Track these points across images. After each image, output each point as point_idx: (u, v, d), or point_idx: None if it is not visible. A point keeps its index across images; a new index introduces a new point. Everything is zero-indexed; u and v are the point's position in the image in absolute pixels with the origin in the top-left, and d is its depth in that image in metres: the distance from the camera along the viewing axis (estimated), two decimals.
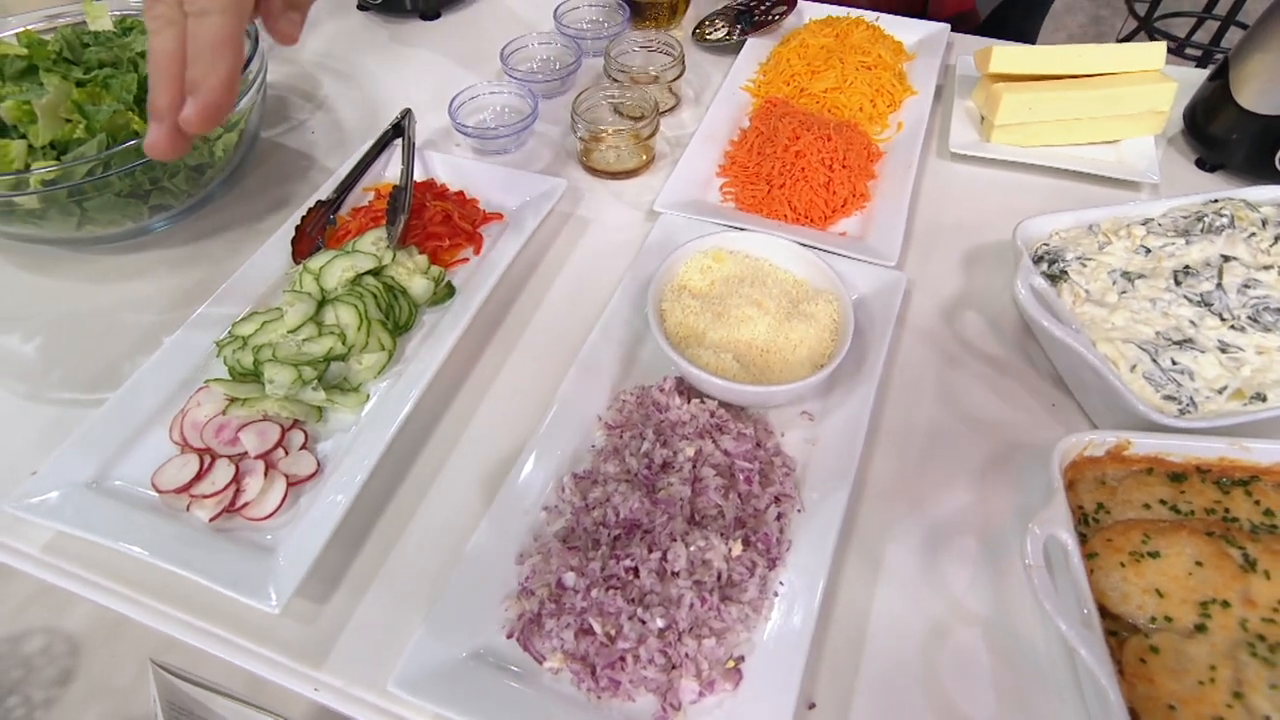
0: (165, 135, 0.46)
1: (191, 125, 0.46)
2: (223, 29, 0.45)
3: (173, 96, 0.46)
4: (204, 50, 0.45)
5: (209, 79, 0.45)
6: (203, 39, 0.45)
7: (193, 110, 0.45)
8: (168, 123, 0.46)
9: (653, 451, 0.59)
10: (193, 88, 0.45)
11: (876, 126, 0.90)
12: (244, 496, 0.58)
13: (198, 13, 0.44)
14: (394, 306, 0.70)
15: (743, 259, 0.70)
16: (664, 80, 0.93)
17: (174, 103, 0.46)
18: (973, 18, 1.15)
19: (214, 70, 0.45)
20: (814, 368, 0.62)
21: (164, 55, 0.45)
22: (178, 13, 0.45)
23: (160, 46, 0.45)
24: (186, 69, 0.45)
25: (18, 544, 0.59)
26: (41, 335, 0.73)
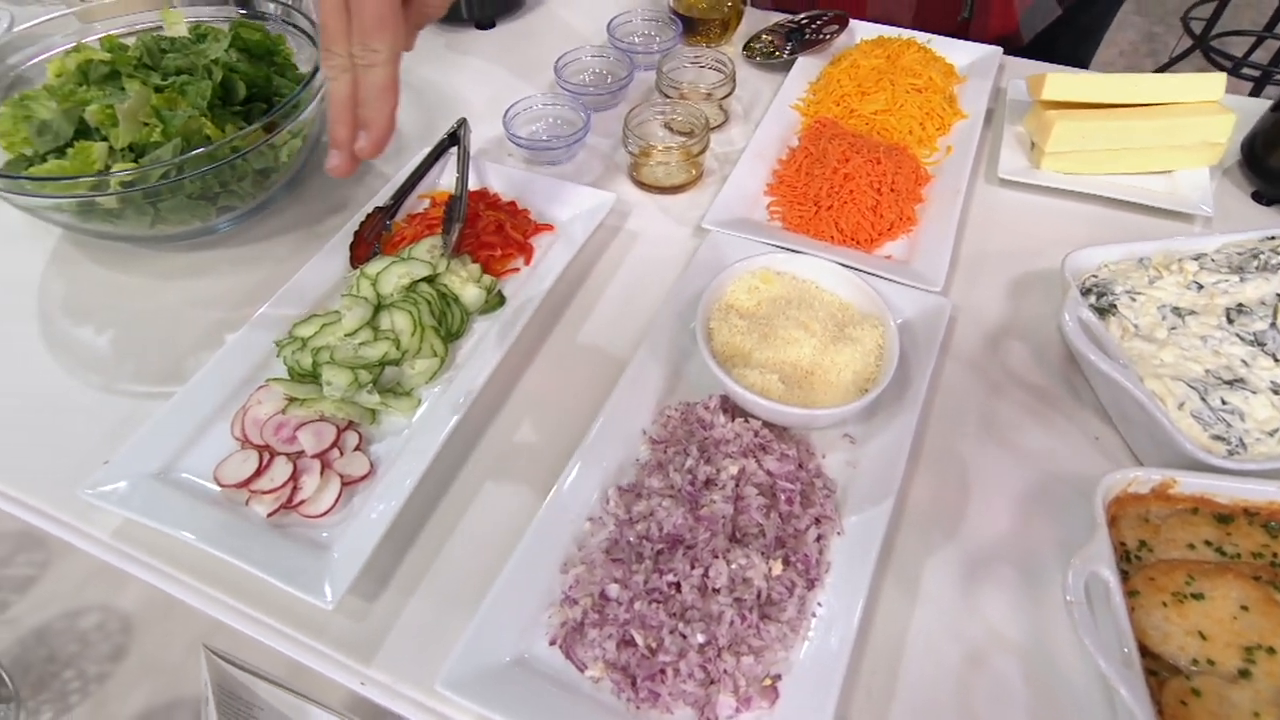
0: (345, 160, 0.59)
1: (365, 154, 0.59)
2: (386, 78, 0.56)
3: (350, 131, 0.58)
4: (373, 96, 0.56)
5: (378, 118, 0.57)
6: (372, 87, 0.56)
7: (367, 142, 0.58)
8: (346, 151, 0.59)
9: (696, 468, 0.60)
10: (365, 124, 0.57)
11: (925, 149, 0.90)
12: (300, 494, 0.60)
13: (366, 65, 0.55)
14: (446, 314, 0.72)
15: (790, 280, 0.71)
16: (715, 97, 0.94)
17: (350, 135, 0.58)
18: (1015, 40, 1.14)
19: (381, 111, 0.57)
20: (858, 392, 0.63)
21: (340, 98, 0.57)
22: (349, 63, 0.56)
23: (338, 91, 0.57)
24: (359, 108, 0.57)
25: (90, 529, 0.62)
26: (114, 329, 0.77)
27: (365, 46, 0.55)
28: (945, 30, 1.07)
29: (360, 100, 0.57)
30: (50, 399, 0.71)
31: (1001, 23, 1.12)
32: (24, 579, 1.02)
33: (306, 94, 0.79)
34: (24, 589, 1.02)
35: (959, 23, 1.12)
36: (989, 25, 1.12)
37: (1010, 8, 1.11)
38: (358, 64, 0.56)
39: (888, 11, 1.13)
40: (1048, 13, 1.13)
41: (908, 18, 1.13)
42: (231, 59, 0.82)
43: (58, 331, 0.77)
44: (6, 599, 1.01)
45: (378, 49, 0.55)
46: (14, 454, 0.67)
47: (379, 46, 0.55)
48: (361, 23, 0.54)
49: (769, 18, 1.14)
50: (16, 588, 1.02)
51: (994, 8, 1.10)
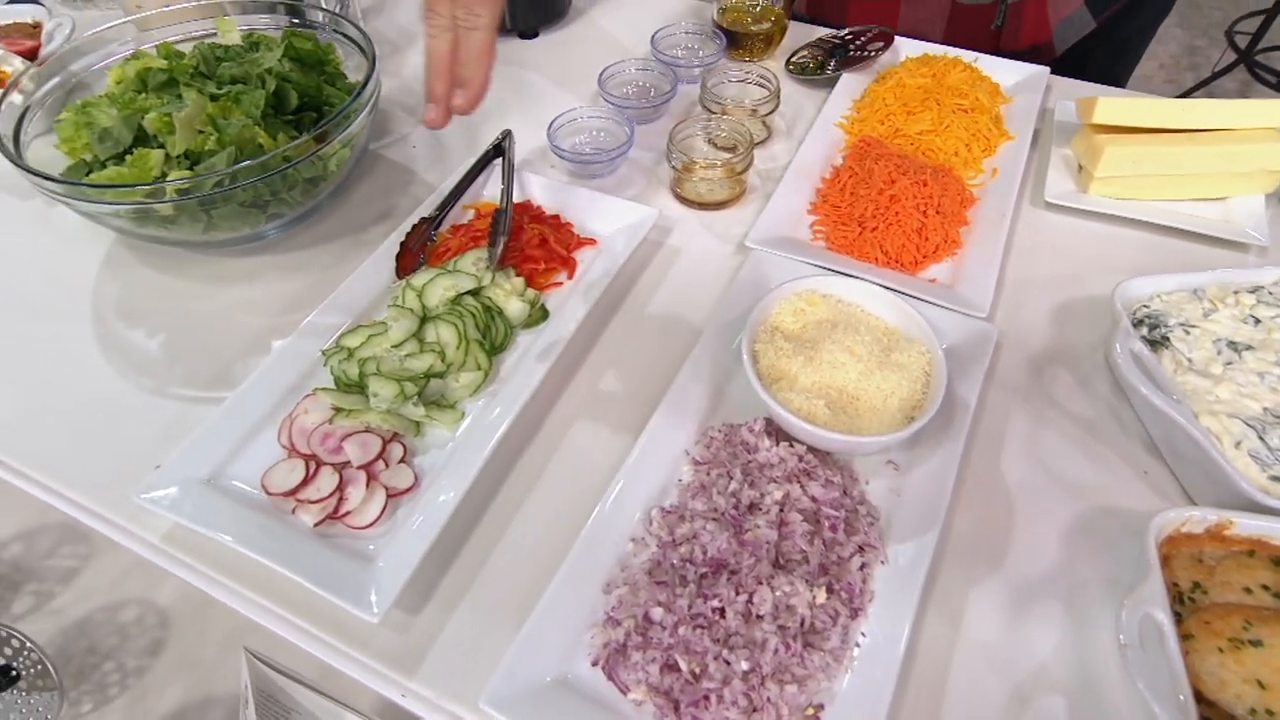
0: (441, 113, 0.66)
1: (461, 110, 0.67)
2: (486, 41, 0.63)
3: (447, 86, 0.64)
4: (473, 56, 0.63)
5: (476, 76, 0.65)
6: (473, 48, 0.63)
7: (464, 100, 0.66)
8: (443, 105, 0.66)
9: (740, 492, 0.60)
10: (463, 82, 0.64)
11: (970, 171, 0.90)
12: (346, 505, 0.61)
13: (468, 28, 0.62)
14: (491, 327, 0.73)
15: (835, 303, 0.70)
16: (759, 113, 0.94)
17: (447, 91, 0.64)
18: (1048, 51, 1.12)
19: (480, 70, 0.65)
20: (904, 419, 0.63)
21: (440, 55, 0.63)
22: (451, 23, 0.62)
23: (438, 48, 0.63)
24: (459, 67, 0.64)
25: (142, 531, 0.63)
26: (165, 332, 0.78)
27: (470, 11, 0.62)
28: (978, 39, 1.07)
29: (460, 60, 0.63)
30: (103, 400, 0.72)
31: (1034, 33, 1.10)
32: (67, 570, 1.05)
33: (357, 105, 0.80)
34: (67, 580, 1.04)
35: (991, 31, 1.10)
36: (1021, 35, 1.10)
37: (1044, 18, 1.09)
38: (460, 26, 0.62)
39: (920, 20, 1.12)
40: (1082, 26, 1.11)
41: (940, 26, 1.12)
42: (284, 68, 0.84)
43: (111, 333, 0.79)
44: (51, 589, 1.03)
45: (480, 14, 0.62)
46: (69, 454, 0.68)
47: (482, 11, 0.62)
48: None
49: (812, 32, 1.13)
50: (61, 579, 1.04)
51: (1027, 18, 1.08)
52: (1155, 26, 1.19)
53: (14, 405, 0.73)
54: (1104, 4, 1.09)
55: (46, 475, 0.67)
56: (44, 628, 1.01)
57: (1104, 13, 1.10)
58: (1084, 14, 1.10)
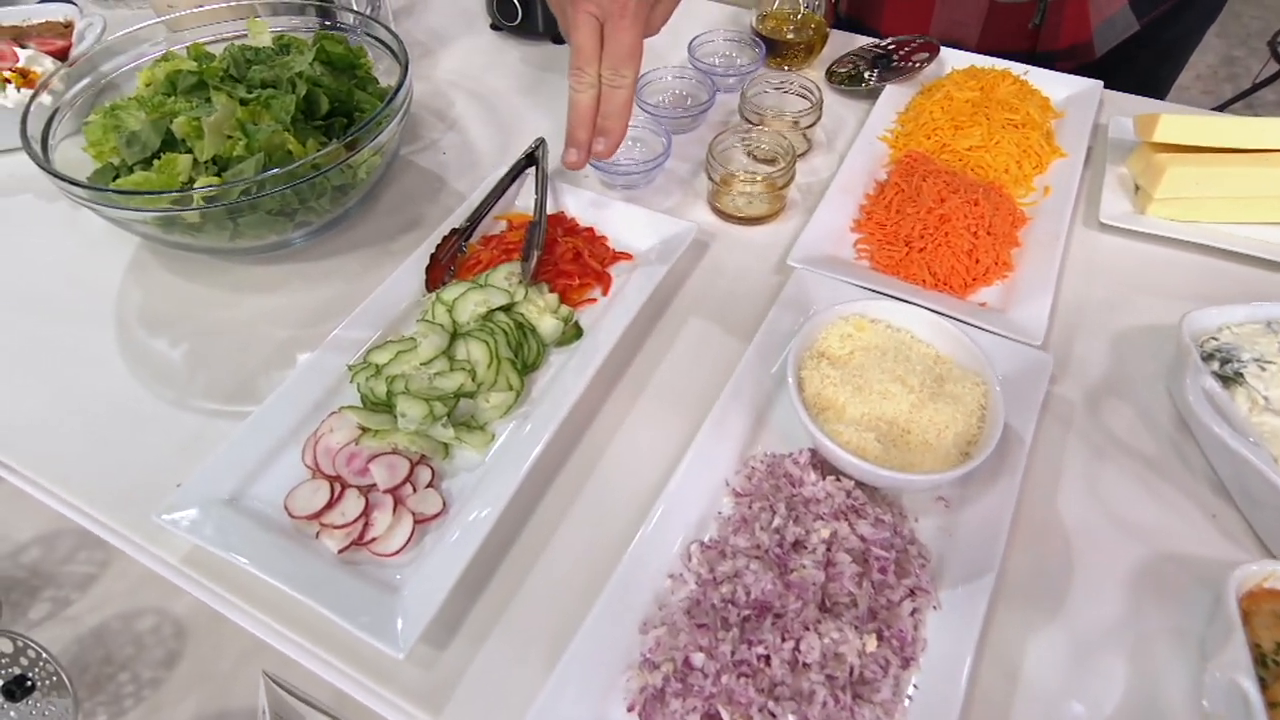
0: (583, 157, 0.72)
1: (602, 155, 0.73)
2: (628, 97, 0.71)
3: (589, 133, 0.71)
4: (615, 109, 0.71)
5: (617, 128, 0.72)
6: (616, 103, 0.70)
7: (604, 146, 0.72)
8: (585, 148, 0.72)
9: (785, 528, 0.57)
10: (604, 132, 0.72)
11: (1021, 189, 0.86)
12: (372, 531, 0.59)
13: (613, 86, 0.70)
14: (523, 345, 0.70)
15: (884, 329, 0.67)
16: (800, 125, 0.91)
17: (589, 137, 0.72)
18: (1087, 51, 1.08)
19: (621, 123, 0.72)
20: (959, 455, 0.60)
21: (586, 108, 0.70)
22: (596, 81, 0.70)
23: (583, 103, 0.70)
24: (602, 119, 0.71)
25: (161, 552, 0.61)
26: (188, 342, 0.76)
27: (616, 72, 0.69)
28: (1015, 38, 1.04)
29: (604, 114, 0.71)
30: (124, 411, 0.71)
31: (1074, 32, 1.06)
32: (85, 577, 1.03)
33: (389, 112, 0.77)
34: (85, 587, 1.03)
35: (1029, 29, 1.07)
36: (1061, 34, 1.06)
37: (1085, 18, 1.05)
38: (606, 84, 0.69)
39: (956, 19, 1.09)
40: (1125, 27, 1.07)
41: (977, 24, 1.09)
42: (315, 72, 0.82)
43: (133, 340, 0.77)
44: (68, 596, 1.02)
45: (626, 74, 0.69)
46: (88, 465, 0.67)
47: (627, 73, 0.69)
48: (615, 52, 0.68)
49: (852, 41, 1.10)
50: (77, 585, 1.03)
51: (1067, 16, 1.05)
52: (1201, 31, 1.14)
53: (35, 411, 0.71)
54: (1149, 5, 1.05)
55: (64, 488, 0.65)
56: (60, 634, 1.00)
57: (1149, 14, 1.06)
58: (1127, 15, 1.05)
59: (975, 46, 1.09)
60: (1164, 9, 1.06)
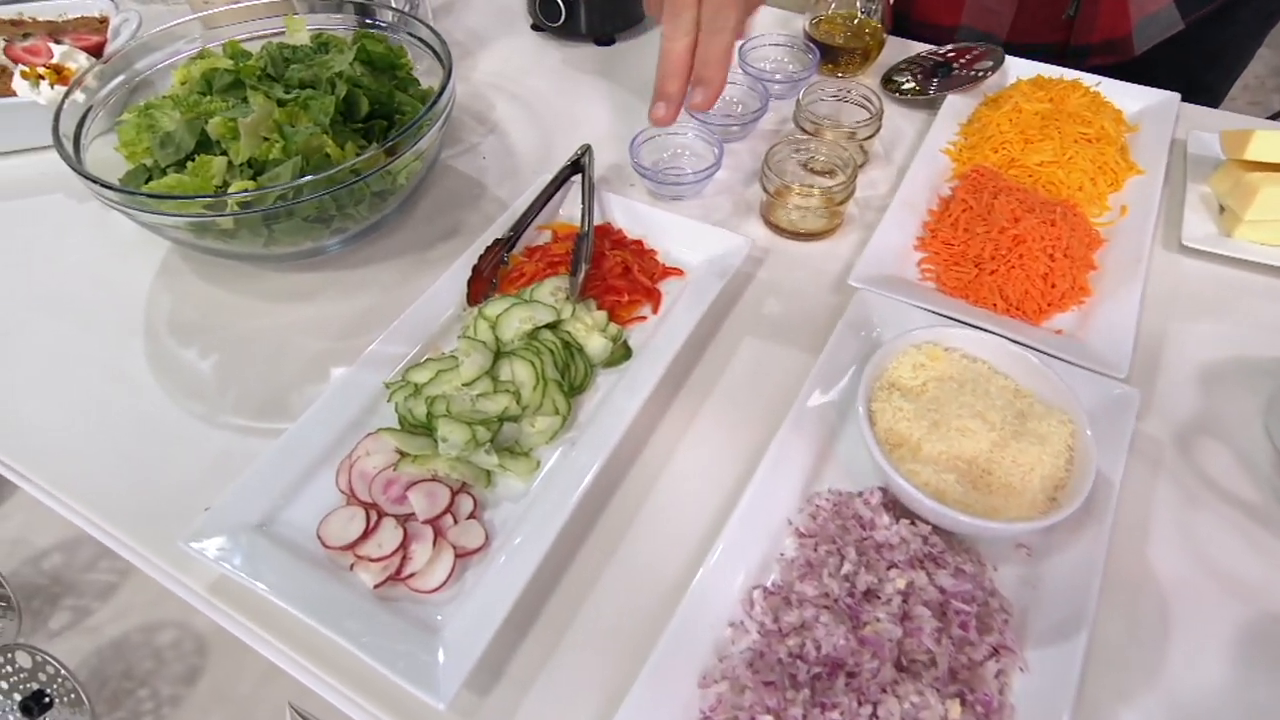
0: (673, 111, 0.68)
1: (700, 107, 0.68)
2: (727, 45, 0.66)
3: (681, 86, 0.67)
4: (713, 59, 0.66)
5: (716, 77, 0.67)
6: (713, 50, 0.65)
7: (701, 98, 0.67)
8: (675, 103, 0.68)
9: (856, 575, 0.52)
10: (701, 82, 0.67)
11: (1095, 208, 0.81)
12: (410, 565, 0.55)
13: (713, 30, 0.64)
14: (570, 366, 0.66)
15: (959, 359, 0.62)
16: (858, 136, 0.86)
17: (681, 90, 0.67)
18: (1126, 46, 1.02)
19: (720, 72, 0.67)
20: (1046, 500, 0.55)
21: (680, 57, 0.66)
22: (694, 27, 0.65)
23: (678, 51, 0.66)
24: (699, 68, 0.66)
25: (187, 579, 0.58)
26: (218, 352, 0.73)
27: (718, 14, 0.64)
28: (1049, 28, 1.00)
29: (701, 61, 0.66)
30: (151, 425, 0.67)
31: (1111, 24, 1.01)
32: (105, 586, 1.01)
33: (431, 116, 0.74)
34: (105, 596, 1.00)
35: (1063, 20, 1.02)
36: (1097, 26, 1.01)
37: (1124, 11, 0.99)
38: (705, 29, 0.64)
39: (987, 7, 1.05)
40: (1168, 25, 1.01)
41: (1009, 14, 1.04)
42: (355, 72, 0.78)
43: (162, 350, 0.74)
44: (88, 605, 1.00)
45: (728, 18, 0.64)
46: (113, 482, 0.63)
47: (730, 16, 0.64)
48: None
49: (908, 48, 1.05)
50: (98, 594, 1.00)
51: (1104, 8, 0.99)
52: (1256, 38, 1.07)
53: (59, 421, 0.68)
54: (1195, 4, 0.99)
55: (88, 506, 0.62)
56: (80, 645, 0.97)
57: (1194, 13, 1.00)
58: (1171, 12, 1.00)
59: (1006, 36, 1.05)
60: (1210, 8, 1.00)
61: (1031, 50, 0.97)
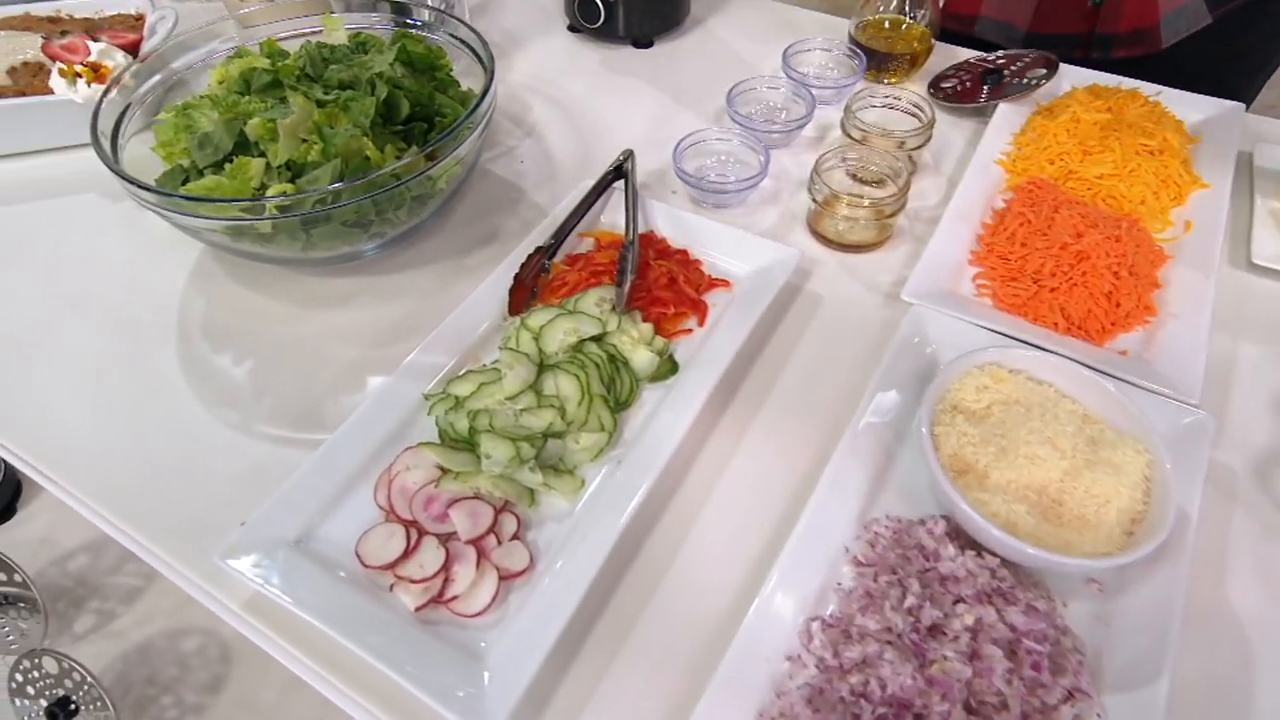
0: None
1: None
2: None
3: None
4: None
5: None
6: None
7: None
8: None
9: (920, 609, 0.50)
10: None
11: (1157, 223, 0.78)
12: (453, 587, 0.53)
13: None
14: (615, 380, 0.64)
15: (1024, 381, 0.60)
16: (907, 146, 0.84)
17: None
18: (1153, 38, 0.99)
19: None
20: (1123, 534, 0.52)
21: None
22: None
23: None
24: None
25: (222, 595, 0.56)
26: (253, 358, 0.71)
27: None
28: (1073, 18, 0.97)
29: None
30: (185, 434, 0.66)
31: (1138, 14, 0.98)
32: (131, 590, 1.00)
33: (472, 120, 0.72)
34: (130, 600, 0.99)
35: (1088, 9, 0.99)
36: (1123, 15, 0.98)
37: (1151, 1, 0.96)
38: None
39: None
40: (1195, 18, 0.98)
41: (1031, 2, 1.01)
42: (396, 73, 0.76)
43: (196, 355, 0.72)
44: (113, 609, 0.99)
45: None
46: (146, 494, 0.62)
47: None
48: None
49: (955, 54, 1.02)
50: (124, 598, 0.99)
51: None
52: None
53: (90, 427, 0.67)
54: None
55: (121, 516, 0.61)
56: (104, 650, 0.96)
57: (1221, 7, 0.97)
58: (1199, 5, 0.96)
59: (1029, 27, 1.02)
60: (1239, 2, 0.96)
61: (1054, 41, 0.94)
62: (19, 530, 1.07)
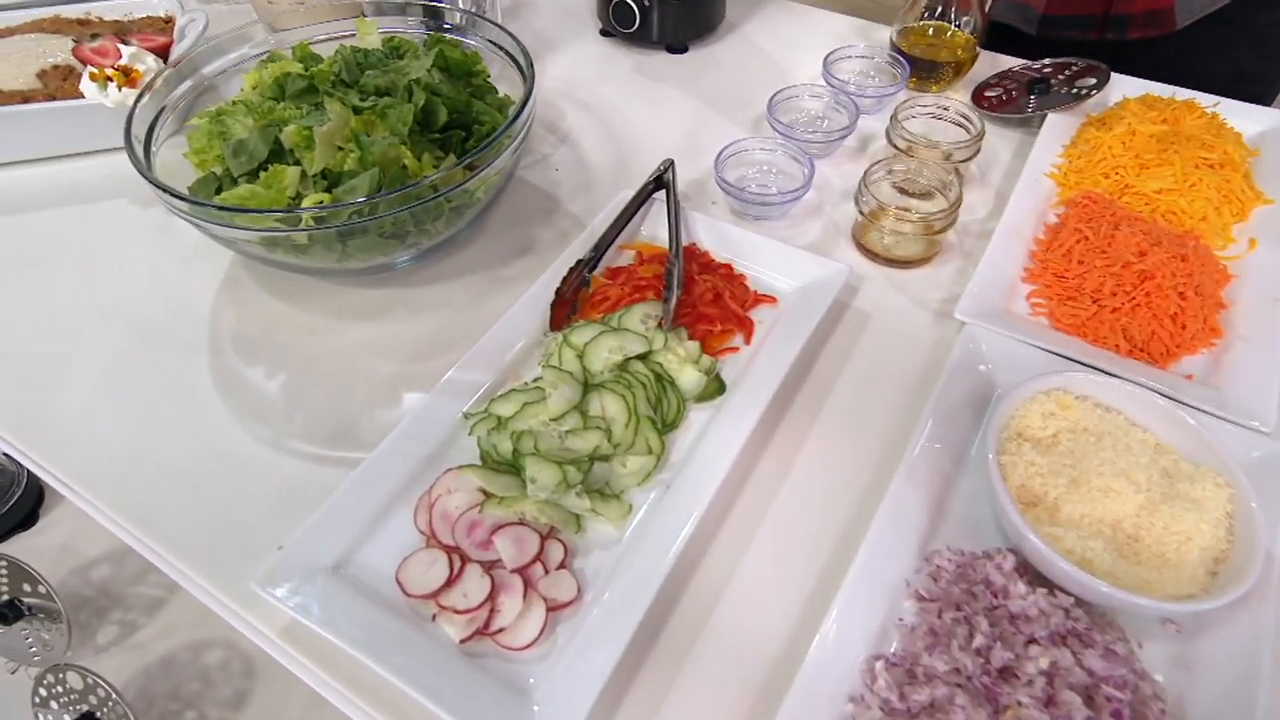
0: None
1: None
2: None
3: None
4: None
5: None
6: None
7: None
8: None
9: (990, 650, 0.47)
10: None
11: (1219, 240, 0.75)
12: (499, 619, 0.51)
13: None
14: (662, 401, 0.62)
15: (1091, 408, 0.57)
16: (955, 158, 0.81)
17: None
18: (1167, 19, 0.96)
19: None
20: (1207, 575, 0.49)
21: None
22: None
23: None
24: None
25: (258, 623, 0.54)
26: (285, 372, 0.69)
27: None
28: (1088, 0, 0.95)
29: None
30: (217, 451, 0.64)
31: None
32: (153, 600, 0.98)
33: (513, 131, 0.70)
34: (153, 611, 0.97)
35: None
36: None
37: None
38: None
39: None
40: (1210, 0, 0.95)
41: None
42: (433, 79, 0.74)
43: (227, 368, 0.70)
44: (135, 620, 0.97)
45: None
46: (177, 514, 0.60)
47: None
48: None
49: (998, 62, 1.00)
50: (146, 609, 0.98)
51: None
52: None
53: (119, 440, 0.65)
54: None
55: (152, 535, 0.59)
56: (127, 662, 0.95)
57: None
58: None
59: (1045, 8, 1.00)
60: None
61: (1069, 22, 0.91)
62: (41, 538, 1.06)
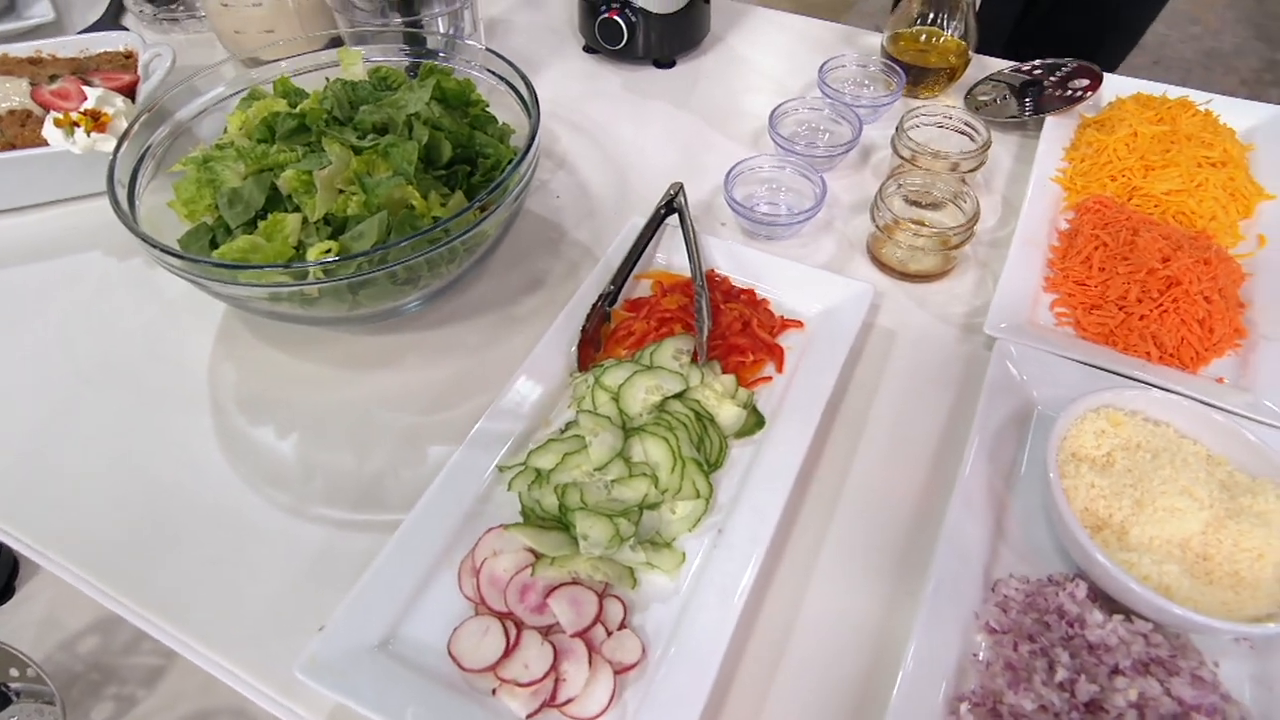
0: None
1: None
2: None
3: None
4: None
5: None
6: None
7: None
8: None
9: (1074, 684, 0.46)
10: None
11: (1229, 239, 0.76)
12: (566, 689, 0.48)
13: None
14: (704, 440, 0.60)
15: (1141, 423, 0.57)
16: (962, 168, 0.81)
17: None
18: None
19: None
20: None
21: None
22: None
23: None
24: None
25: (302, 710, 0.50)
26: (297, 431, 0.65)
27: None
28: None
29: None
30: (234, 521, 0.60)
31: None
32: (151, 670, 0.93)
33: (522, 168, 0.67)
34: (151, 683, 0.92)
35: None
36: None
37: None
38: None
39: None
40: None
41: None
42: (434, 113, 0.71)
43: (232, 429, 0.66)
44: (133, 693, 0.91)
45: None
46: (198, 595, 0.56)
47: None
48: None
49: (985, 65, 1.00)
50: (143, 680, 0.92)
51: None
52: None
53: (123, 517, 0.60)
54: None
55: (172, 622, 0.55)
56: None
57: None
58: None
59: None
60: None
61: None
62: (20, 611, 0.99)
